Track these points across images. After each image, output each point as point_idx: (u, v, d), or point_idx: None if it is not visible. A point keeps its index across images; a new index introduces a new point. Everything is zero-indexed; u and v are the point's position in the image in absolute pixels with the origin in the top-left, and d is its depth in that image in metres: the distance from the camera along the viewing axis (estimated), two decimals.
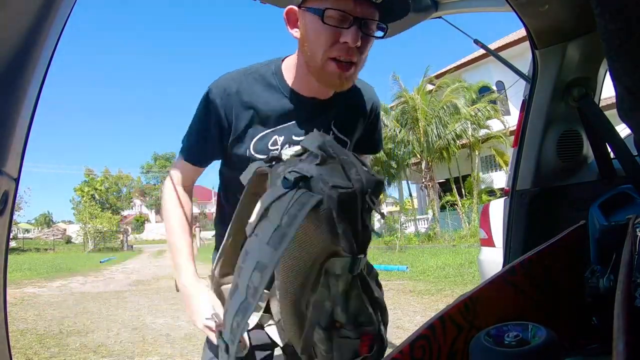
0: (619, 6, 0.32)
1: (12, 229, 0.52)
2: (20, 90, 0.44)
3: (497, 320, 0.48)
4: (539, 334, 0.37)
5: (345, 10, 0.79)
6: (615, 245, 0.64)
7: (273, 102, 0.94)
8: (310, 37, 0.84)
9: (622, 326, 0.35)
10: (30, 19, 0.43)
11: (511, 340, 0.37)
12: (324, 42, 0.82)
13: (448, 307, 0.48)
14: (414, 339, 0.44)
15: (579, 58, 1.27)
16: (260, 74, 0.95)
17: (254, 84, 0.94)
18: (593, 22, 0.40)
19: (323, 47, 0.82)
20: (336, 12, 0.79)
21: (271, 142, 0.95)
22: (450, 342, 0.47)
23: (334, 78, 0.85)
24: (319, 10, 0.80)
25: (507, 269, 0.56)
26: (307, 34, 0.84)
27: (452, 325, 0.47)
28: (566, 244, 0.69)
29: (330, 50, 0.82)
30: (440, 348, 0.46)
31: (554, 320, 0.61)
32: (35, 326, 4.61)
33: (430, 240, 14.78)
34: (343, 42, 0.80)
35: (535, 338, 0.37)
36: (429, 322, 0.46)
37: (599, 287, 0.63)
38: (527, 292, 0.57)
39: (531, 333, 0.38)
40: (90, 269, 12.17)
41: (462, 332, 0.47)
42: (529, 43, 1.34)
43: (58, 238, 35.88)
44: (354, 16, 0.79)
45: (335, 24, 0.80)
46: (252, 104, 0.93)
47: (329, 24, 0.80)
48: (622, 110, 0.47)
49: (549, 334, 0.36)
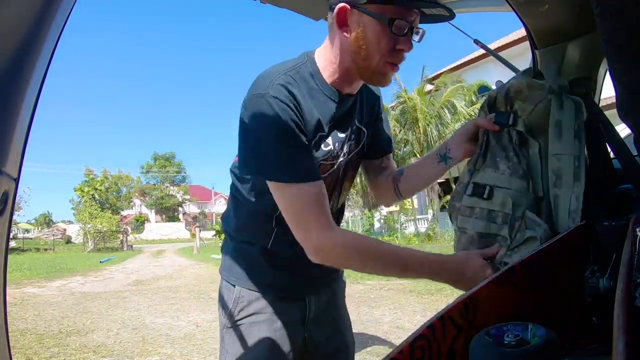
0: (619, 6, 0.32)
1: (12, 229, 0.52)
2: (20, 89, 0.44)
3: (496, 320, 0.48)
4: (539, 333, 0.37)
5: (410, 21, 0.83)
6: (615, 245, 0.64)
7: (320, 105, 0.93)
8: (369, 41, 0.85)
9: (622, 326, 0.35)
10: (30, 18, 0.43)
11: (511, 340, 0.37)
12: (384, 48, 0.84)
13: (448, 307, 0.48)
14: (413, 339, 0.43)
15: (578, 58, 1.27)
16: (301, 75, 0.92)
17: (302, 87, 0.91)
18: (593, 22, 0.40)
19: (382, 53, 0.85)
20: (406, 23, 0.82)
21: (324, 143, 0.95)
22: (450, 342, 0.47)
23: (385, 78, 0.90)
24: (384, 19, 0.82)
25: (507, 269, 0.57)
26: (366, 37, 0.85)
27: (451, 325, 0.47)
28: (566, 244, 0.69)
29: (389, 56, 0.85)
30: (440, 348, 0.46)
31: (553, 320, 0.61)
32: (35, 326, 4.61)
33: (430, 240, 14.79)
34: (400, 49, 0.85)
35: (535, 338, 0.37)
36: (429, 322, 0.46)
37: (599, 287, 0.63)
38: (527, 291, 0.57)
39: (531, 333, 0.38)
40: (90, 269, 12.17)
41: (462, 332, 0.47)
42: (528, 43, 1.34)
43: (58, 238, 35.85)
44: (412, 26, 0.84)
45: (398, 33, 0.83)
46: (308, 109, 0.90)
47: (395, 33, 0.83)
48: (622, 110, 0.47)
49: (548, 334, 0.36)
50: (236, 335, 1.03)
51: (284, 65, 0.92)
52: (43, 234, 39.33)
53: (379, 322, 4.19)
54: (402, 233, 15.85)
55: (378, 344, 3.44)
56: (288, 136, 0.84)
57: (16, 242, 28.34)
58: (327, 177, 0.99)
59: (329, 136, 0.95)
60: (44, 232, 40.02)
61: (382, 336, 3.65)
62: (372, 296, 5.68)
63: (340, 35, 0.88)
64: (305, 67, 0.93)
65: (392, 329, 3.89)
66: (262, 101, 0.84)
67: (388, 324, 4.08)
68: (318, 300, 1.10)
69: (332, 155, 0.98)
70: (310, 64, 0.94)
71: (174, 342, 3.89)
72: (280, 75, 0.88)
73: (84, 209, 31.18)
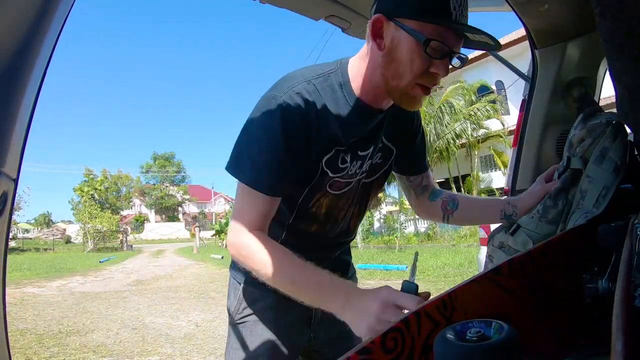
0: (619, 6, 0.32)
1: (11, 228, 0.52)
2: (19, 89, 0.44)
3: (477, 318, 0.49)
4: (501, 331, 0.37)
5: (447, 44, 0.76)
6: (615, 245, 0.64)
7: (343, 118, 0.87)
8: (401, 58, 0.78)
9: (622, 326, 0.35)
10: (29, 18, 0.43)
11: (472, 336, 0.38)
12: (416, 69, 0.77)
13: (425, 303, 0.50)
14: (386, 330, 0.45)
15: (578, 58, 1.27)
16: (329, 83, 0.87)
17: (325, 97, 0.85)
18: (593, 22, 0.40)
19: (414, 74, 0.78)
20: (442, 45, 0.75)
21: (340, 159, 0.90)
22: (426, 335, 0.48)
23: (415, 101, 0.83)
24: (421, 37, 0.75)
25: (492, 269, 0.57)
26: (398, 54, 0.78)
27: (427, 320, 0.48)
28: (563, 244, 0.69)
29: (421, 77, 0.78)
30: (414, 341, 0.47)
31: (547, 321, 0.61)
32: (35, 326, 4.61)
33: (429, 239, 14.80)
34: (433, 72, 0.77)
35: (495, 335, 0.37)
36: (404, 316, 0.47)
37: (598, 287, 0.63)
38: (515, 292, 0.58)
39: (494, 330, 0.38)
40: (89, 269, 12.17)
41: (439, 327, 0.49)
42: (528, 43, 1.34)
43: (58, 238, 35.90)
44: (450, 50, 0.76)
45: (433, 55, 0.76)
46: (325, 122, 0.85)
47: (429, 54, 0.76)
48: (621, 109, 0.47)
49: (510, 331, 0.37)
50: (240, 332, 1.03)
51: (314, 70, 0.88)
52: (43, 234, 39.36)
53: None
54: (401, 233, 15.86)
55: None
56: (279, 147, 0.81)
57: (16, 242, 28.33)
58: (342, 196, 0.97)
59: (348, 152, 0.90)
60: (44, 232, 40.05)
61: None
62: None
63: (374, 47, 0.82)
64: (336, 76, 0.88)
65: None
66: (273, 103, 0.81)
67: None
68: None
69: (349, 174, 0.94)
70: (341, 72, 0.89)
71: (173, 342, 3.89)
72: (302, 82, 0.84)
73: (83, 209, 31.17)
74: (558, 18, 1.18)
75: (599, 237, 0.69)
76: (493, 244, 1.01)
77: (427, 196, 1.16)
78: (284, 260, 0.79)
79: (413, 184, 1.16)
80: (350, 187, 0.97)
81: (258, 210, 0.84)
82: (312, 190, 0.94)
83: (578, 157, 0.96)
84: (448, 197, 1.16)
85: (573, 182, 0.96)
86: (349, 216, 1.04)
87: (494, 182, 16.51)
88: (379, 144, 0.97)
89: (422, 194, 1.16)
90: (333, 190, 0.95)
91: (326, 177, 0.91)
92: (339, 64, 0.90)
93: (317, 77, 0.86)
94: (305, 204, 0.96)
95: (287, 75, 0.87)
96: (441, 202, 1.15)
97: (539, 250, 0.63)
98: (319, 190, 0.94)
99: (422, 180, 1.15)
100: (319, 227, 1.00)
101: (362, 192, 1.02)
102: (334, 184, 0.94)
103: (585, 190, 0.90)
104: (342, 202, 0.98)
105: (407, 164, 1.11)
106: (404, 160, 1.08)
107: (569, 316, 0.66)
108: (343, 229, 1.05)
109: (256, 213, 0.84)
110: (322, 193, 0.95)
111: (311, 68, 0.89)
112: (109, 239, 26.91)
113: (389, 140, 0.99)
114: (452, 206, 1.14)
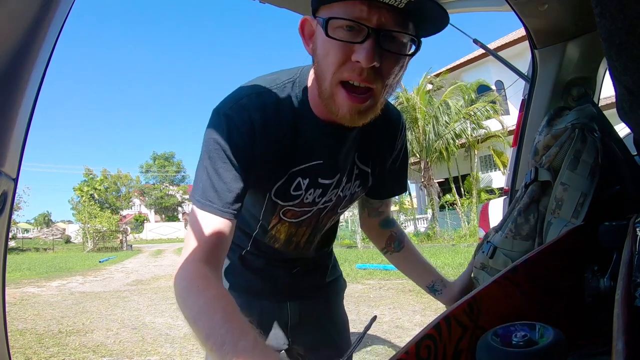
0: (619, 6, 0.32)
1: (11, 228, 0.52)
2: (19, 89, 0.44)
3: (500, 320, 0.48)
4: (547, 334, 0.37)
5: (355, 18, 0.59)
6: (615, 245, 0.64)
7: (299, 136, 0.75)
8: (318, 54, 0.66)
9: (622, 326, 0.35)
10: (29, 18, 0.43)
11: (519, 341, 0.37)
12: (332, 60, 0.62)
13: (452, 307, 0.48)
14: (419, 338, 0.43)
15: (578, 58, 1.27)
16: (284, 96, 0.75)
17: (278, 112, 0.74)
18: (592, 22, 0.40)
19: (331, 68, 0.63)
20: (344, 21, 0.60)
21: (294, 186, 0.79)
22: (456, 341, 0.47)
23: (343, 110, 0.65)
24: (322, 20, 0.62)
25: (509, 269, 0.57)
26: (316, 52, 0.66)
27: (457, 325, 0.47)
28: (567, 244, 0.69)
29: (340, 70, 0.63)
30: (446, 348, 0.46)
31: (554, 320, 0.61)
32: (35, 326, 4.60)
33: (429, 239, 14.79)
34: (355, 60, 0.61)
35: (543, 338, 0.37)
36: (435, 321, 0.46)
37: (599, 287, 0.63)
38: (529, 292, 0.57)
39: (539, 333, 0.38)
40: (89, 269, 12.15)
41: (467, 331, 0.48)
42: (528, 43, 1.34)
43: (57, 238, 35.87)
44: (369, 27, 0.59)
45: (345, 38, 0.60)
46: (277, 139, 0.74)
47: (334, 37, 0.61)
48: (621, 109, 0.47)
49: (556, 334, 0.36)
50: None
51: (271, 80, 0.76)
52: (42, 234, 39.31)
53: (379, 321, 4.18)
54: None
55: (377, 343, 3.43)
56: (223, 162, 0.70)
57: (15, 241, 28.32)
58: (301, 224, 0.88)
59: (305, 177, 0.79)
60: (44, 232, 39.99)
61: (381, 335, 3.65)
62: (372, 295, 5.67)
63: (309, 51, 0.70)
64: (293, 87, 0.76)
65: (391, 328, 3.88)
66: (216, 118, 0.72)
67: (387, 323, 4.07)
68: (302, 306, 1.06)
69: (304, 202, 0.83)
70: (299, 82, 0.76)
71: (173, 341, 3.89)
72: (252, 94, 0.73)
73: (83, 208, 31.14)
74: (558, 18, 1.18)
75: (599, 236, 0.70)
76: (476, 266, 1.01)
77: (379, 222, 1.10)
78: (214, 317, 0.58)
79: (370, 206, 1.08)
80: (310, 216, 0.87)
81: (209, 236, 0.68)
82: (266, 215, 0.86)
83: (545, 169, 0.93)
84: (397, 234, 1.11)
85: (543, 192, 0.94)
86: (314, 241, 0.98)
87: (493, 182, 16.52)
88: (354, 171, 0.85)
89: (374, 216, 1.10)
90: (288, 218, 0.87)
91: (277, 205, 0.82)
92: (299, 71, 0.77)
93: (271, 89, 0.74)
94: (266, 225, 0.90)
95: (239, 88, 0.76)
96: (389, 235, 1.10)
97: (546, 251, 0.63)
98: (272, 215, 0.86)
99: (380, 206, 1.08)
100: (282, 246, 0.95)
101: (327, 218, 0.93)
102: (288, 212, 0.85)
103: (560, 198, 0.87)
104: (302, 229, 0.91)
105: (374, 187, 0.97)
106: (374, 184, 0.96)
107: (571, 315, 0.66)
108: (310, 251, 1.00)
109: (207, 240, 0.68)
110: (277, 219, 0.87)
111: (268, 77, 0.77)
112: (108, 238, 26.86)
113: (362, 162, 0.86)
114: (396, 247, 1.10)
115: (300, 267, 1.04)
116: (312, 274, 1.07)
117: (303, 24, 0.70)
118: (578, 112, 0.97)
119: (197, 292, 0.61)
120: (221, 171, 0.70)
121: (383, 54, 0.61)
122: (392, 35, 0.61)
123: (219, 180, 0.69)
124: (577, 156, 0.89)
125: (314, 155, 0.78)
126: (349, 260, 9.54)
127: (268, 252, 0.99)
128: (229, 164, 0.70)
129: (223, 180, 0.70)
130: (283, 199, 0.81)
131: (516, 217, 0.94)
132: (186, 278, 0.64)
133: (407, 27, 0.62)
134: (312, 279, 1.08)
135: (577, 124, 0.93)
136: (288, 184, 0.79)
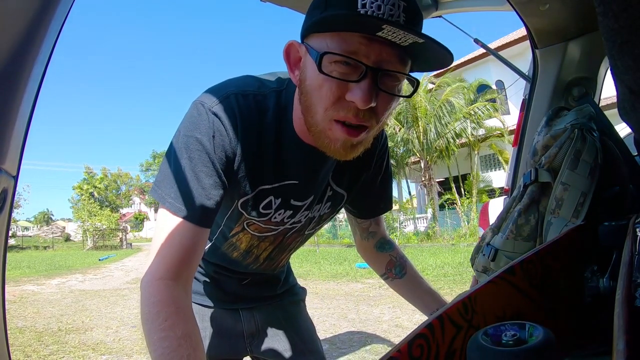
0: (623, 5, 0.32)
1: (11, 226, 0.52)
2: (19, 87, 0.44)
3: (495, 320, 0.48)
4: (536, 333, 0.37)
5: (352, 54, 0.54)
6: (615, 245, 0.64)
7: (279, 151, 0.71)
8: (307, 85, 0.60)
9: (622, 326, 0.35)
10: (29, 16, 0.43)
11: (508, 340, 0.37)
12: (325, 97, 0.58)
13: (446, 306, 0.48)
14: (412, 337, 0.43)
15: (579, 57, 1.27)
16: (270, 104, 0.70)
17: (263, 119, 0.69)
18: (594, 22, 0.40)
19: (323, 105, 0.58)
20: (341, 57, 0.55)
21: (265, 203, 0.75)
22: (449, 341, 0.46)
23: (336, 145, 0.61)
24: (315, 53, 0.56)
25: (506, 269, 0.57)
26: (305, 83, 0.61)
27: (450, 324, 0.47)
28: (566, 244, 0.69)
29: (334, 108, 0.58)
30: (439, 347, 0.45)
31: (553, 321, 0.61)
32: (34, 324, 4.61)
33: (429, 239, 14.80)
34: (350, 100, 0.57)
35: (532, 337, 0.37)
36: (428, 321, 0.45)
37: (599, 287, 0.63)
38: (527, 292, 0.57)
39: (528, 332, 0.38)
40: (89, 267, 12.16)
41: (461, 331, 0.47)
42: (529, 42, 1.33)
43: (57, 236, 35.91)
44: (367, 65, 0.55)
45: (340, 74, 0.56)
46: (255, 149, 0.69)
47: (327, 74, 0.55)
48: (622, 109, 0.47)
49: (546, 333, 0.36)
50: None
51: (260, 84, 0.71)
52: (42, 232, 39.37)
53: (378, 320, 4.19)
54: (401, 232, 15.86)
55: (377, 342, 3.44)
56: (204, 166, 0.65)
57: (15, 239, 28.37)
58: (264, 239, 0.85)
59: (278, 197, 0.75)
60: (43, 230, 40.06)
61: (381, 335, 3.65)
62: (372, 294, 5.68)
63: (294, 82, 0.65)
64: (278, 98, 0.70)
65: (391, 327, 3.89)
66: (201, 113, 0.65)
67: (387, 322, 4.08)
68: (258, 316, 1.04)
69: (272, 221, 0.79)
70: (285, 95, 0.70)
71: None
72: (239, 94, 0.68)
73: (82, 207, 31.17)
74: (559, 17, 1.18)
75: (599, 236, 0.70)
76: (477, 269, 0.99)
77: (374, 244, 1.02)
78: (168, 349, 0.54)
79: (360, 225, 1.01)
80: (275, 234, 0.84)
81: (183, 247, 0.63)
82: (229, 222, 0.83)
83: (545, 170, 0.93)
84: (397, 259, 1.02)
85: (543, 192, 0.94)
86: (274, 259, 0.94)
87: (494, 181, 16.53)
88: (327, 192, 0.82)
89: (367, 238, 1.02)
90: (251, 230, 0.82)
91: (242, 215, 0.78)
92: (285, 83, 0.72)
93: (258, 94, 0.69)
94: (227, 232, 0.86)
95: (227, 81, 0.71)
96: (389, 259, 1.02)
97: (545, 251, 0.63)
98: (235, 223, 0.82)
99: (370, 225, 1.00)
100: (240, 256, 0.91)
101: (292, 239, 0.90)
102: (252, 225, 0.81)
103: (561, 198, 0.87)
104: (264, 244, 0.88)
105: (357, 206, 0.95)
106: (356, 203, 0.93)
107: (571, 316, 0.67)
108: (268, 267, 0.97)
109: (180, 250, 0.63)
110: (240, 228, 0.83)
111: (256, 79, 0.72)
112: (108, 237, 26.88)
113: (338, 184, 0.82)
114: (397, 273, 1.02)
115: (250, 279, 1.00)
116: (263, 285, 1.04)
117: (288, 49, 0.64)
118: (577, 113, 0.97)
119: (162, 329, 0.56)
120: (202, 175, 0.64)
121: (379, 94, 0.57)
122: (390, 74, 0.57)
123: (197, 185, 0.64)
124: (577, 156, 0.89)
125: (290, 175, 0.73)
126: (349, 259, 9.53)
127: (224, 259, 0.94)
128: (210, 168, 0.65)
129: (202, 185, 0.64)
130: (249, 212, 0.77)
131: (517, 218, 0.94)
132: (154, 303, 0.59)
133: (407, 64, 0.58)
134: (263, 290, 1.04)
135: (577, 124, 0.93)
136: (256, 200, 0.74)
